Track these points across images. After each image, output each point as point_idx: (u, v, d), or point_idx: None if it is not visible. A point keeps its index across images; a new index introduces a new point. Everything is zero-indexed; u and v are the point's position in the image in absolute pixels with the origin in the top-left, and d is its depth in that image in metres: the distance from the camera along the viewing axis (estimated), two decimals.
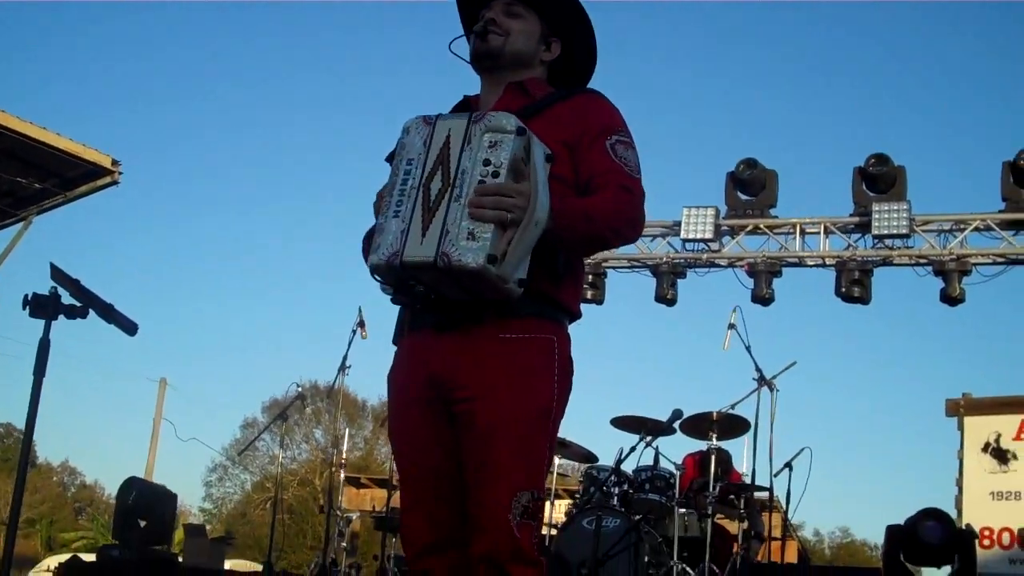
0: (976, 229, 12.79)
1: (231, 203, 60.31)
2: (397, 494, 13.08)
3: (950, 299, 12.48)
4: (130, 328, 3.87)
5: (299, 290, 60.15)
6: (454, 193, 2.78)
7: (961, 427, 12.89)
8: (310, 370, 59.66)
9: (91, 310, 3.83)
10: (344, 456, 11.09)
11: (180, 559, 10.58)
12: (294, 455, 39.52)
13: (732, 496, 8.75)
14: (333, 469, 11.14)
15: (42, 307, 3.76)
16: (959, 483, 12.85)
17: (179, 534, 13.96)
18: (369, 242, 2.96)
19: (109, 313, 3.85)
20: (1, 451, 44.92)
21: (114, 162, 13.83)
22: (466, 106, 3.25)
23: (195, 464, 53.91)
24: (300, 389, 12.17)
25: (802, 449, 9.21)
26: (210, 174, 59.77)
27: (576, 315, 3.13)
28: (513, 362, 2.94)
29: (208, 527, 37.08)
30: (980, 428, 12.73)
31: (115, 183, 13.99)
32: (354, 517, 11.41)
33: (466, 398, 2.92)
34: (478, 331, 2.93)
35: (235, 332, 59.39)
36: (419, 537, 3.00)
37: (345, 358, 10.16)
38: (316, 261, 60.51)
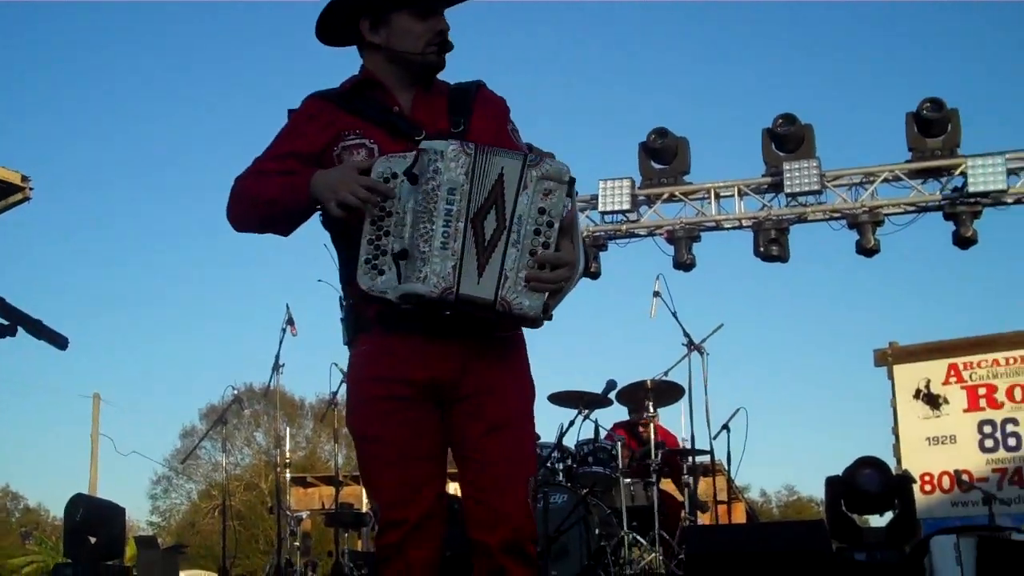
0: (885, 180, 13.10)
1: (148, 210, 59.51)
2: (345, 490, 13.19)
3: (866, 250, 12.77)
4: (61, 342, 3.84)
5: (223, 291, 59.61)
6: (511, 237, 2.90)
7: (891, 376, 13.20)
8: (244, 372, 59.22)
9: (19, 327, 3.80)
10: (288, 456, 11.16)
11: (134, 572, 10.61)
12: (237, 460, 39.22)
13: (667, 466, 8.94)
14: (278, 470, 11.19)
15: None
16: (895, 431, 13.16)
17: (130, 548, 13.92)
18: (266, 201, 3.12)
19: (38, 329, 3.82)
20: None
21: (24, 178, 13.66)
22: (369, 90, 3.23)
23: (138, 478, 53.21)
24: (236, 392, 12.19)
25: (737, 410, 9.41)
26: (125, 181, 58.93)
27: None
28: (510, 358, 3.18)
29: (159, 540, 36.87)
30: (910, 375, 13.03)
31: (27, 199, 13.82)
32: (304, 516, 11.50)
33: (470, 395, 3.09)
34: (473, 333, 3.06)
35: (164, 341, 58.73)
36: (408, 512, 3.09)
37: (278, 357, 10.20)
38: (237, 261, 59.98)
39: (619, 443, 8.77)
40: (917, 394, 12.86)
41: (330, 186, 3.00)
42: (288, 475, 10.96)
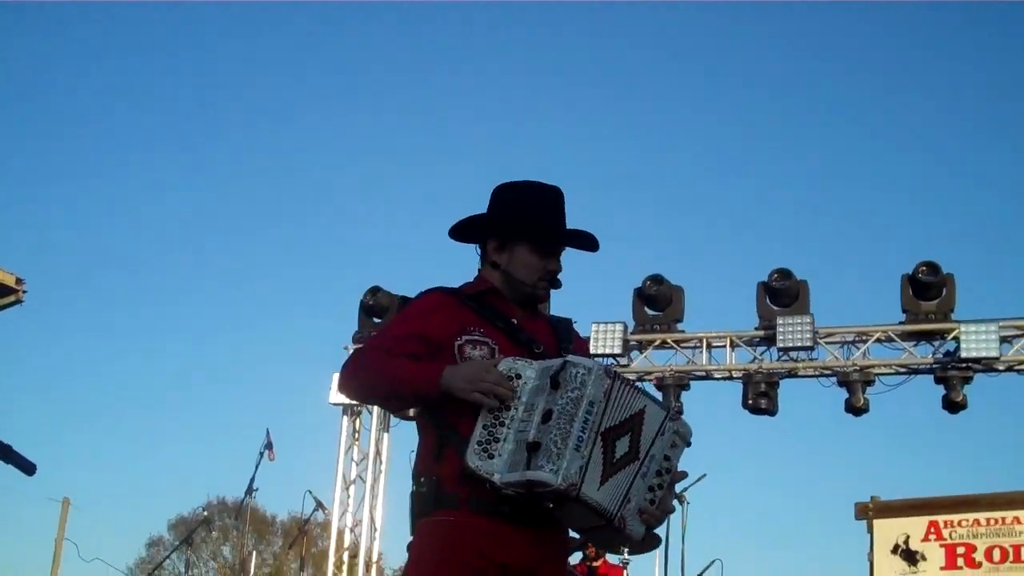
0: (878, 340, 13.10)
1: (136, 317, 59.39)
2: None
3: (855, 409, 12.70)
4: (28, 468, 3.76)
5: (203, 403, 59.14)
6: (641, 469, 3.30)
7: (870, 529, 12.92)
8: (218, 485, 58.33)
9: None
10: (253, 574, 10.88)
11: None
12: (201, 574, 38.51)
13: None
14: None
15: None
16: None
17: None
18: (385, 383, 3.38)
19: (7, 454, 3.77)
20: None
21: (18, 280, 13.59)
22: (492, 298, 3.58)
23: None
24: (205, 513, 11.98)
25: (713, 561, 9.32)
26: (117, 292, 58.87)
27: None
28: (564, 555, 3.62)
29: None
30: (889, 530, 12.76)
31: (19, 301, 13.74)
32: None
33: None
34: (550, 527, 3.34)
35: (139, 448, 58.04)
36: None
37: (252, 480, 10.07)
38: (220, 375, 59.66)
39: None
40: (895, 549, 12.55)
41: (468, 378, 3.26)
42: None
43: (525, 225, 3.58)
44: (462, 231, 3.67)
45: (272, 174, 56.18)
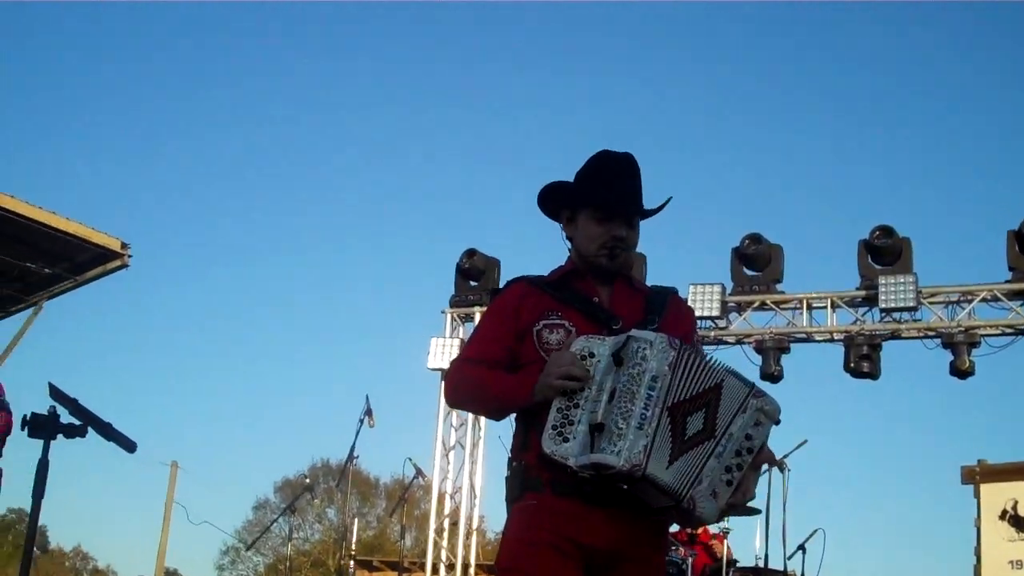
0: (983, 300, 12.79)
1: (240, 282, 60.41)
2: None
3: (960, 372, 12.43)
4: (129, 446, 3.87)
5: (306, 369, 60.03)
6: (717, 449, 3.16)
7: (977, 495, 12.69)
8: (322, 447, 59.37)
9: (90, 428, 3.83)
10: (356, 538, 11.01)
11: None
12: (307, 535, 39.22)
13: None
14: (342, 561, 11.06)
15: (41, 427, 3.76)
16: (977, 552, 12.65)
17: None
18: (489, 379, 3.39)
19: (108, 431, 3.86)
20: (14, 537, 44.62)
21: (123, 245, 13.79)
22: (575, 280, 3.51)
23: (208, 547, 53.46)
24: (308, 479, 12.11)
25: (815, 531, 9.16)
26: (221, 253, 59.93)
27: None
28: (656, 537, 3.40)
29: None
30: (997, 495, 12.52)
31: (125, 266, 13.96)
32: None
33: (622, 563, 3.27)
34: (636, 510, 3.24)
35: (245, 411, 59.24)
36: None
37: (353, 448, 10.13)
38: (322, 341, 60.46)
39: (691, 558, 8.51)
40: (1003, 515, 12.31)
41: (547, 372, 3.23)
42: (352, 563, 10.79)
43: (581, 192, 3.53)
44: (547, 204, 3.64)
45: (366, 142, 56.69)
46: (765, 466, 3.44)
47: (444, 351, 14.46)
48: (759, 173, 55.88)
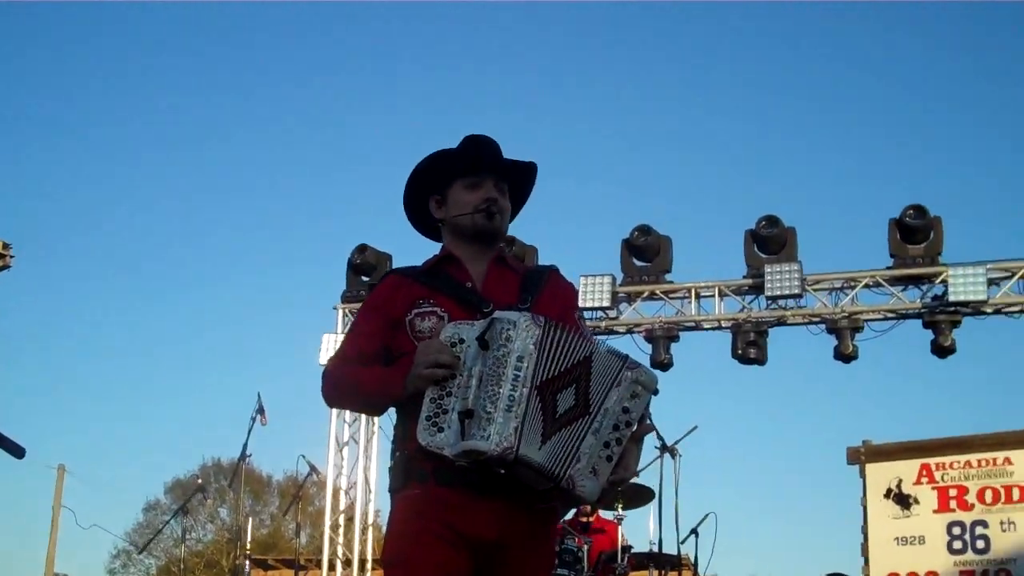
0: (866, 286, 13.11)
1: (126, 281, 59.28)
2: (307, 575, 12.94)
3: (844, 356, 12.73)
4: (17, 452, 3.77)
5: (195, 367, 59.17)
6: (593, 425, 3.10)
7: (863, 474, 13.00)
8: (212, 446, 58.51)
9: None
10: (250, 537, 10.91)
11: None
12: (200, 536, 38.67)
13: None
14: (237, 561, 10.95)
15: None
16: (864, 530, 12.95)
17: None
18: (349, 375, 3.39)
19: None
20: None
21: (5, 245, 13.58)
22: (447, 266, 3.49)
23: (98, 551, 52.32)
24: (200, 480, 11.99)
25: (707, 515, 9.31)
26: (107, 252, 58.70)
27: None
28: (544, 526, 3.38)
29: None
30: (881, 474, 12.82)
31: (6, 267, 13.74)
32: None
33: (509, 552, 3.23)
34: (520, 498, 3.20)
35: (133, 412, 58.10)
36: None
37: (245, 446, 10.03)
38: (211, 338, 59.63)
39: (586, 546, 8.57)
40: (888, 494, 12.61)
41: (416, 363, 3.19)
42: (248, 562, 10.68)
43: (447, 166, 3.53)
44: (416, 217, 3.67)
45: (251, 137, 56.03)
46: (656, 448, 3.50)
47: (336, 347, 14.34)
48: (649, 165, 56.40)
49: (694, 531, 9.25)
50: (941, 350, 12.50)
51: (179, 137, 56.10)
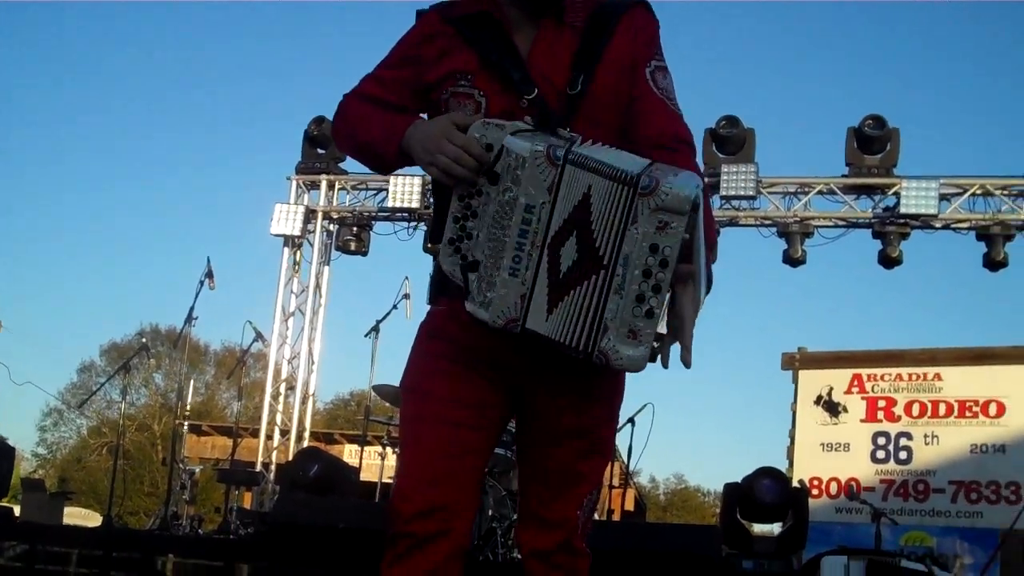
0: (820, 192, 13.18)
1: (76, 136, 58.35)
2: (241, 443, 12.99)
3: (792, 260, 12.85)
4: None
5: (142, 230, 58.70)
6: (614, 281, 2.31)
7: (796, 380, 13.22)
8: (151, 312, 58.33)
9: None
10: (187, 410, 10.91)
11: (17, 513, 10.26)
12: (133, 400, 38.66)
13: None
14: (176, 422, 10.94)
15: None
16: (792, 434, 13.20)
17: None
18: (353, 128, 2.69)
19: None
20: None
21: None
22: (489, 23, 2.62)
23: (29, 408, 52.25)
24: (145, 340, 11.92)
25: (644, 405, 9.45)
26: (53, 110, 57.68)
27: None
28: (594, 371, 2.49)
29: (42, 472, 36.11)
30: (813, 381, 13.06)
31: None
32: (197, 471, 11.23)
33: (545, 387, 2.61)
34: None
35: (73, 272, 57.70)
36: (425, 498, 2.55)
37: (192, 308, 9.96)
38: (162, 201, 59.06)
39: None
40: (818, 400, 12.87)
41: (426, 146, 2.48)
42: (186, 426, 10.69)
43: None
44: None
45: (206, 13, 54.98)
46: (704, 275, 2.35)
47: (288, 217, 14.36)
48: None
49: (631, 420, 9.38)
50: (888, 260, 12.64)
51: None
